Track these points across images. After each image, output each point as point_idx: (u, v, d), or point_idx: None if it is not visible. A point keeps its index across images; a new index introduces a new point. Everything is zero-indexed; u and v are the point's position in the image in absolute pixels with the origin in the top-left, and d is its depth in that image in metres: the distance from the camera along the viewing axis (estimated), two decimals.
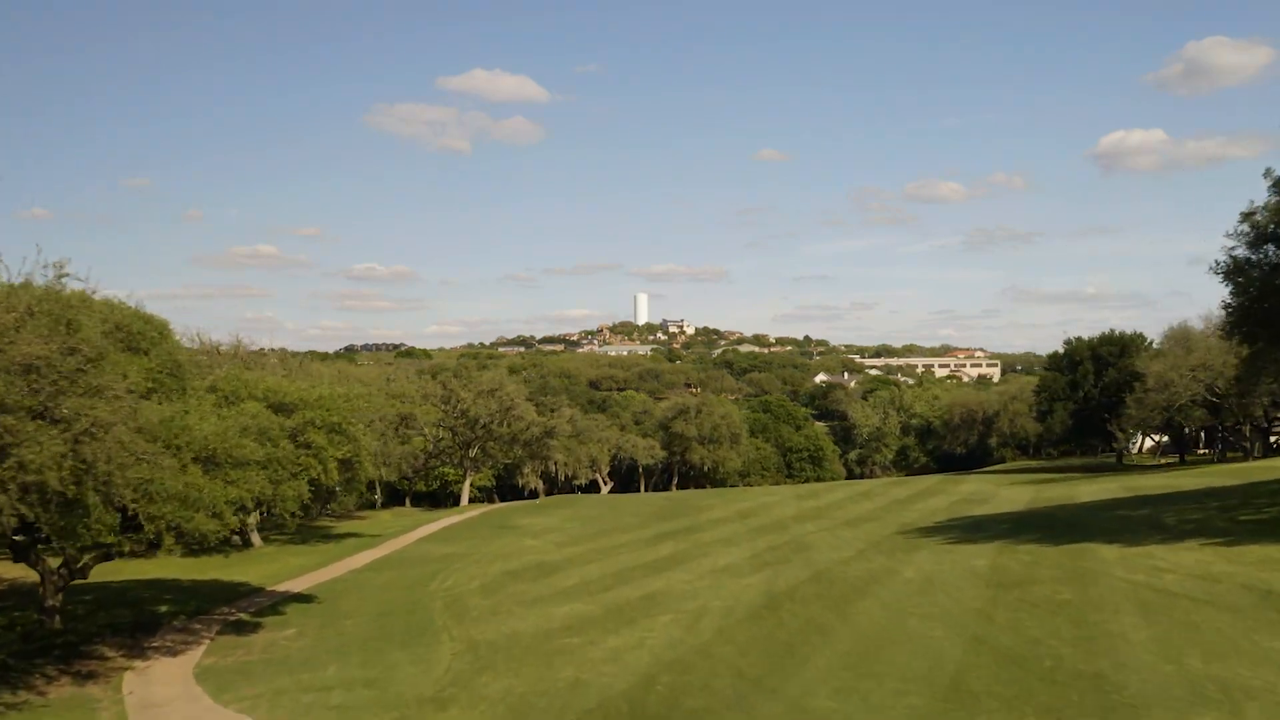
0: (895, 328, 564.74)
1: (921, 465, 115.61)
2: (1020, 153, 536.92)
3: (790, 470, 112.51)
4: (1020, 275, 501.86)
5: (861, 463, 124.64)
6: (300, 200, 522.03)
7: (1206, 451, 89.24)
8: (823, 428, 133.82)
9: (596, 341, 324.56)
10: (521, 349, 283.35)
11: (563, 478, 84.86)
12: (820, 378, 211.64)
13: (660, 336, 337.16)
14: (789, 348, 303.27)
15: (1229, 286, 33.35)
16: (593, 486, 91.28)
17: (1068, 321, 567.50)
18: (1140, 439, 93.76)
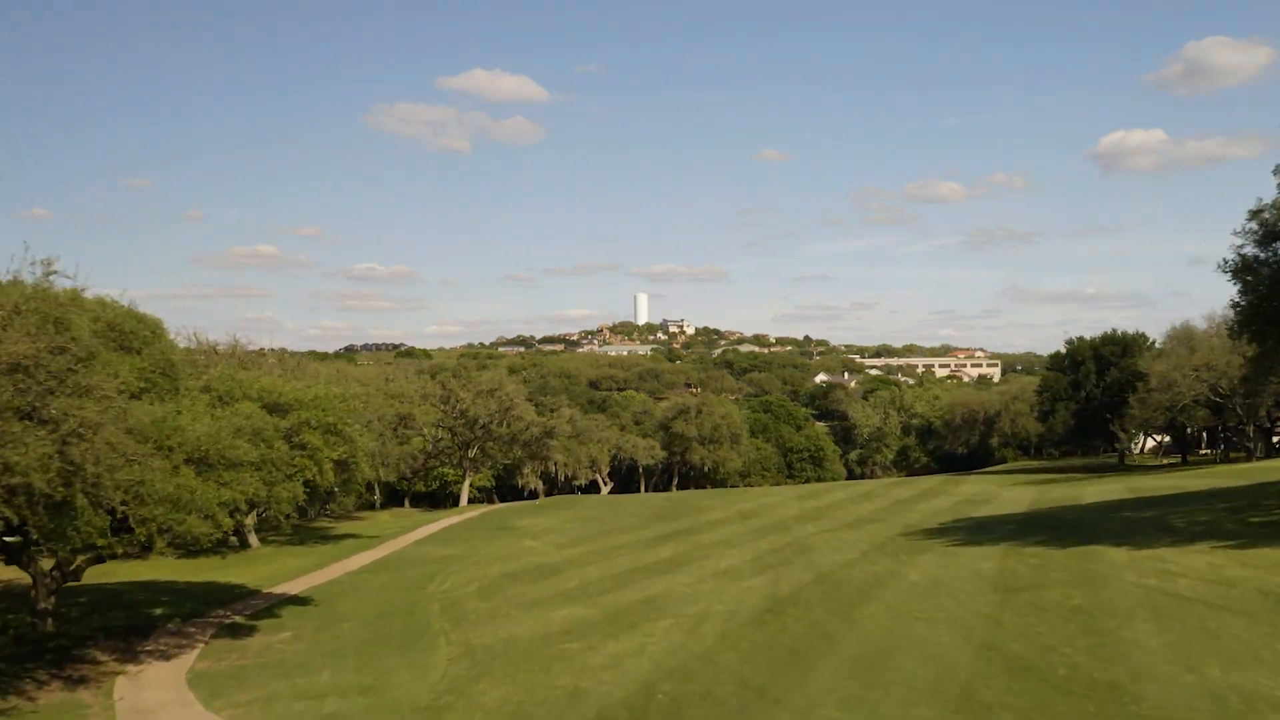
0: (895, 328, 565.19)
1: (922, 465, 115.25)
2: (1020, 153, 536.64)
3: (791, 471, 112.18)
4: (1020, 275, 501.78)
5: (862, 463, 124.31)
6: (300, 200, 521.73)
7: (1208, 452, 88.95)
8: (823, 428, 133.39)
9: (596, 341, 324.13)
10: (521, 349, 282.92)
11: (562, 478, 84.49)
12: (820, 378, 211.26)
13: (660, 336, 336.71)
14: (789, 348, 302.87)
15: (1237, 285, 32.96)
16: (593, 487, 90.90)
17: (1068, 321, 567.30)
18: (1142, 439, 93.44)
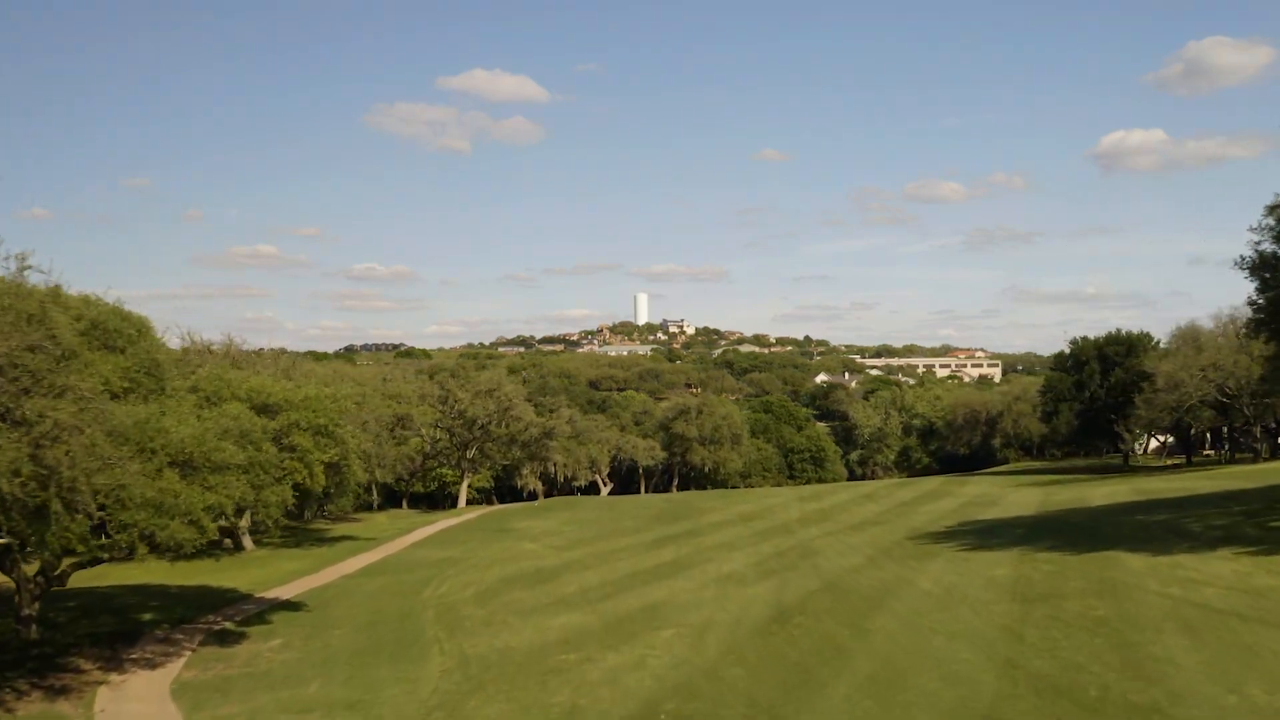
0: (895, 328, 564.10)
1: (924, 466, 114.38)
2: (1020, 153, 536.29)
3: (792, 471, 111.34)
4: (1020, 275, 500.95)
5: (863, 463, 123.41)
6: (300, 200, 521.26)
7: (1211, 452, 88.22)
8: (824, 428, 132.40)
9: (596, 341, 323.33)
10: (521, 349, 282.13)
11: (562, 479, 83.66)
12: (821, 378, 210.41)
13: (660, 336, 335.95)
14: (789, 348, 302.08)
15: (1255, 281, 32.18)
16: (592, 488, 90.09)
17: (1068, 321, 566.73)
18: (1146, 440, 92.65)
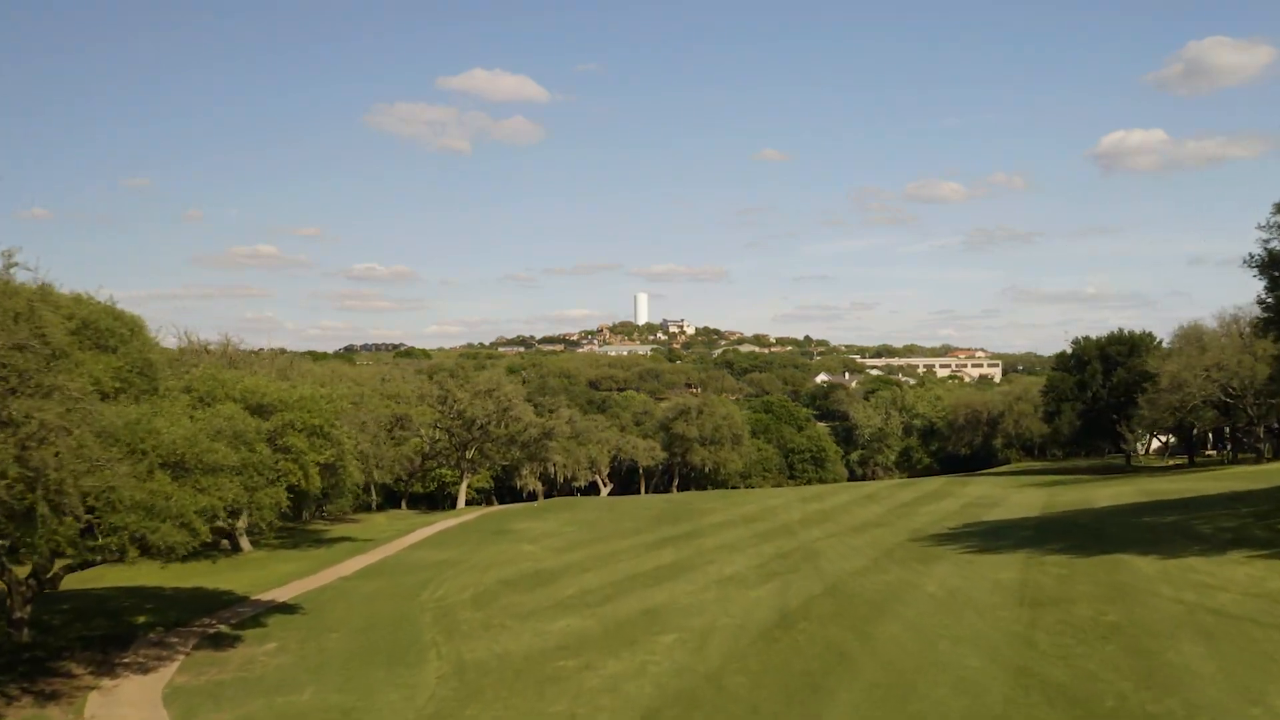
0: (895, 328, 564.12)
1: (925, 467, 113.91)
2: (1020, 153, 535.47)
3: (792, 471, 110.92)
4: (1020, 275, 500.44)
5: (864, 464, 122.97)
6: (300, 200, 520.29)
7: (1214, 453, 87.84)
8: (824, 428, 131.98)
9: (596, 341, 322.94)
10: (521, 349, 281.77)
11: (562, 479, 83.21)
12: (821, 378, 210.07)
13: (660, 336, 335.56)
14: (789, 348, 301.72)
15: (1264, 280, 31.78)
16: (592, 488, 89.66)
17: (1068, 321, 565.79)
18: (1148, 440, 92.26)
